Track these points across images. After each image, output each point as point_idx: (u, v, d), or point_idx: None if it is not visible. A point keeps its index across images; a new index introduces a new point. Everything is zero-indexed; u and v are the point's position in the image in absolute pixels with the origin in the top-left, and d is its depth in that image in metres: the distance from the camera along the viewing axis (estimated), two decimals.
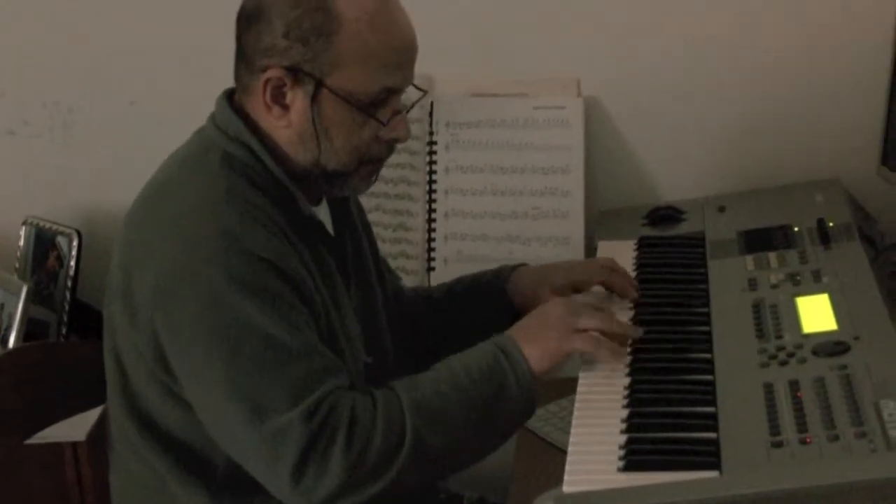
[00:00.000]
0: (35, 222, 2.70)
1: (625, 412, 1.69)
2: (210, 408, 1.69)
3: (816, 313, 1.84)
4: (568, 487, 1.54)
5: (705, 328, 1.90)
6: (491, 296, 2.07)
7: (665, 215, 2.42)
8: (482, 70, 2.56)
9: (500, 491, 2.04)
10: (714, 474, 1.51)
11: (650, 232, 2.38)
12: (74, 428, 2.23)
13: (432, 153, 2.57)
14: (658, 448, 1.59)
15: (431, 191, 2.57)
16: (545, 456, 1.98)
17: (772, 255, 2.08)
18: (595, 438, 1.64)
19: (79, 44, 2.67)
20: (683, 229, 2.36)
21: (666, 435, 1.62)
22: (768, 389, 1.65)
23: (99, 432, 2.29)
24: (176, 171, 1.80)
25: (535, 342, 1.75)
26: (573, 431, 1.68)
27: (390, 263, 2.47)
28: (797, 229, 2.16)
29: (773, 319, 1.85)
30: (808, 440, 1.51)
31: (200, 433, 1.73)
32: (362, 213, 2.05)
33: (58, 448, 2.36)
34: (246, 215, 1.70)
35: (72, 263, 2.58)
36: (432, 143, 2.57)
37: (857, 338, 1.73)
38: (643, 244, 2.30)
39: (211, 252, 1.67)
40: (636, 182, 2.57)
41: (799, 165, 2.49)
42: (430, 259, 2.56)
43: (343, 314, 1.82)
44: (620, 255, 2.20)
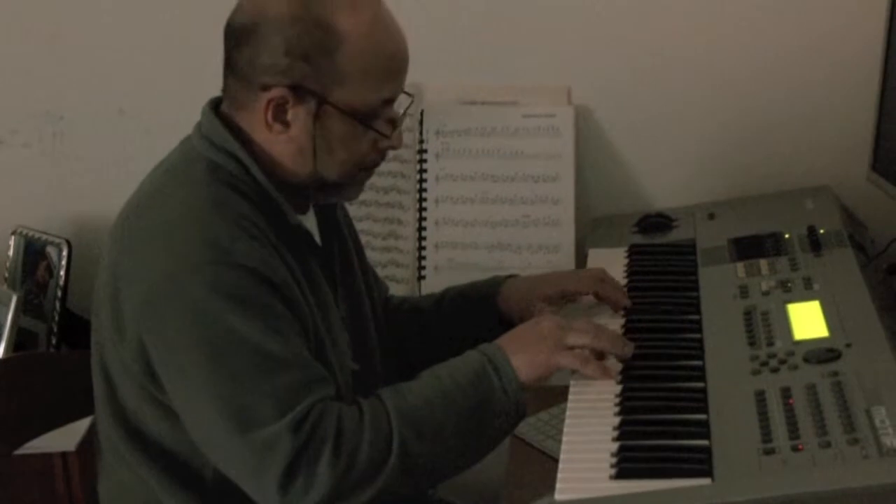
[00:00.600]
0: (25, 232, 2.69)
1: (616, 420, 1.69)
2: (197, 419, 1.68)
3: (808, 320, 1.84)
4: (560, 495, 1.53)
5: (697, 335, 1.90)
6: (481, 306, 2.06)
7: (656, 223, 2.42)
8: (472, 78, 2.56)
9: (492, 500, 2.04)
10: (706, 481, 1.51)
11: (641, 240, 2.38)
12: (64, 438, 2.23)
13: (422, 161, 2.57)
14: (650, 455, 1.58)
15: (422, 199, 2.56)
16: (537, 464, 1.97)
17: (763, 262, 2.08)
18: (587, 446, 1.64)
19: (68, 53, 2.67)
20: (674, 237, 2.36)
21: (658, 442, 1.61)
22: (760, 396, 1.65)
23: (89, 442, 2.29)
24: (161, 182, 1.79)
25: (523, 353, 1.75)
26: (565, 439, 1.67)
27: (380, 272, 2.47)
28: (788, 236, 2.16)
29: (765, 326, 1.85)
30: (801, 447, 1.51)
31: (189, 443, 1.72)
32: (349, 221, 2.05)
33: (48, 458, 2.36)
34: (232, 225, 1.69)
35: (62, 273, 2.58)
36: (422, 152, 2.57)
37: (849, 345, 1.73)
38: (634, 252, 2.30)
39: (197, 263, 1.66)
40: (626, 190, 2.57)
41: (789, 172, 2.49)
42: (421, 267, 2.56)
43: (330, 322, 1.81)
44: (611, 263, 2.20)
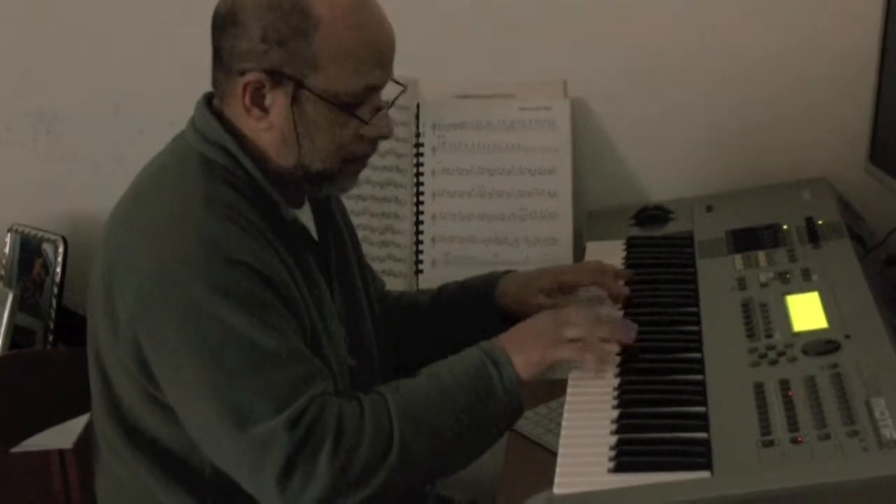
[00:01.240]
0: (20, 230, 2.68)
1: (615, 413, 1.68)
2: (194, 416, 1.68)
3: (806, 312, 1.83)
4: (558, 489, 1.53)
5: (695, 328, 1.89)
6: (478, 302, 2.06)
7: (653, 215, 2.41)
8: (468, 72, 2.56)
9: (491, 494, 2.03)
10: (705, 474, 1.50)
11: (638, 232, 2.37)
12: (61, 436, 2.23)
13: (419, 155, 2.56)
14: (649, 449, 1.58)
15: (419, 193, 2.56)
16: (535, 458, 1.97)
17: (761, 254, 2.08)
18: (585, 440, 1.63)
19: (63, 50, 2.66)
20: (672, 229, 2.36)
21: (656, 435, 1.61)
22: (759, 389, 1.64)
23: (86, 440, 2.28)
24: (155, 178, 1.79)
25: (522, 350, 1.75)
26: (563, 433, 1.67)
27: (378, 266, 2.46)
28: (786, 228, 2.16)
29: (763, 318, 1.84)
30: (800, 439, 1.51)
31: (186, 440, 1.71)
32: (346, 216, 2.04)
33: (45, 456, 2.35)
34: (226, 221, 1.69)
35: (58, 270, 2.57)
36: (419, 146, 2.56)
37: (848, 336, 1.72)
38: (631, 244, 2.30)
39: (191, 260, 1.65)
40: (624, 182, 2.56)
41: (787, 164, 2.48)
42: (418, 261, 2.55)
43: (326, 317, 1.81)
44: (609, 256, 2.19)
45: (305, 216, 1.87)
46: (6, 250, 2.69)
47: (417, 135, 2.57)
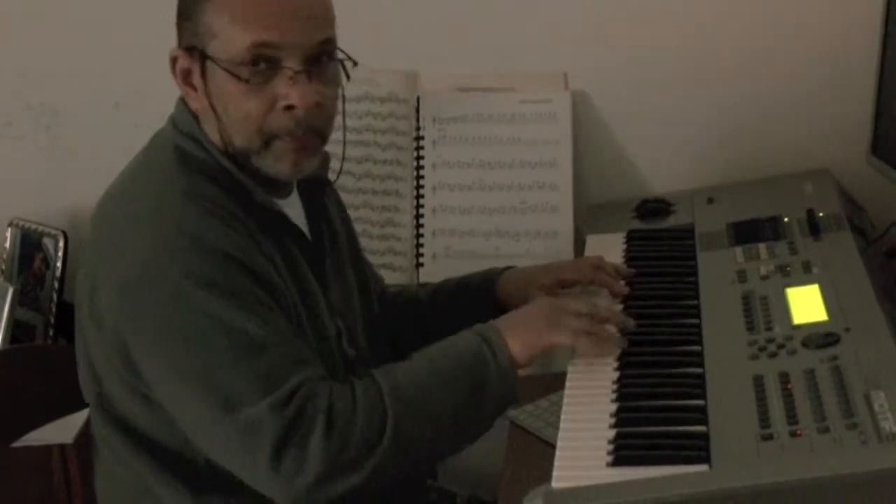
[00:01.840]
0: (21, 224, 2.68)
1: (614, 406, 1.68)
2: (182, 408, 1.68)
3: (807, 304, 1.83)
4: (557, 483, 1.52)
5: (695, 321, 1.89)
6: (478, 298, 2.05)
7: (654, 208, 2.41)
8: (468, 65, 2.55)
9: (492, 488, 2.03)
10: (704, 468, 1.50)
11: (639, 225, 2.37)
12: (62, 430, 2.23)
13: (419, 149, 2.56)
14: (647, 442, 1.58)
15: (419, 186, 2.55)
16: (536, 452, 1.97)
17: (761, 247, 2.07)
18: (584, 433, 1.63)
19: (63, 45, 2.66)
20: (672, 222, 2.35)
21: (655, 429, 1.61)
22: (758, 382, 1.64)
23: (86, 435, 2.28)
24: (133, 173, 1.81)
25: (518, 333, 1.75)
26: (562, 427, 1.66)
27: (378, 260, 2.46)
28: (787, 220, 2.15)
29: (763, 311, 1.84)
30: (799, 433, 1.50)
31: (178, 433, 1.71)
32: (341, 206, 2.04)
33: (45, 451, 2.35)
34: (203, 212, 1.69)
35: (58, 265, 2.57)
36: (419, 139, 2.56)
37: (848, 329, 1.72)
38: (632, 237, 2.29)
39: (170, 252, 1.66)
40: (624, 175, 2.55)
41: (788, 156, 2.47)
42: (419, 255, 2.55)
43: (313, 307, 1.80)
44: (610, 249, 2.19)
45: (295, 207, 1.87)
46: (6, 245, 2.70)
47: (418, 128, 2.56)
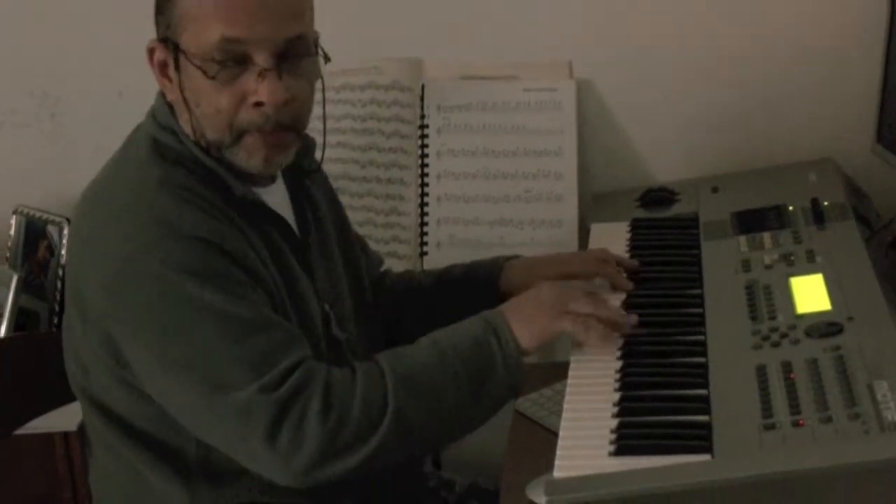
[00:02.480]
0: (25, 211, 2.68)
1: (616, 395, 1.68)
2: (173, 396, 1.68)
3: (810, 294, 1.82)
4: (559, 472, 1.52)
5: (698, 310, 1.88)
6: (482, 288, 2.05)
7: (658, 197, 2.41)
8: (473, 53, 2.55)
9: (494, 476, 2.03)
10: (706, 458, 1.49)
11: (643, 214, 2.36)
12: (65, 418, 2.22)
13: (424, 137, 2.55)
14: (650, 432, 1.57)
15: (423, 175, 2.55)
16: (539, 440, 1.97)
17: (765, 236, 2.07)
18: (586, 423, 1.63)
19: (67, 34, 2.66)
20: (676, 211, 2.35)
21: (658, 419, 1.60)
22: (761, 371, 1.63)
23: None
24: (111, 167, 1.81)
25: (525, 320, 1.74)
26: (564, 416, 1.66)
27: (383, 248, 2.46)
28: (791, 209, 2.14)
29: (767, 300, 1.83)
30: (801, 423, 1.50)
31: (167, 422, 1.71)
32: (331, 192, 2.03)
33: (49, 438, 2.36)
34: (178, 199, 1.70)
35: (62, 252, 2.57)
36: (424, 127, 2.56)
37: (851, 318, 1.71)
38: (636, 226, 2.29)
39: (149, 242, 1.66)
40: (629, 164, 2.55)
41: (792, 145, 2.47)
42: (423, 243, 2.55)
43: (298, 292, 1.80)
44: (614, 238, 2.19)
45: (277, 195, 1.86)
46: (11, 232, 2.69)
47: (422, 116, 2.56)
